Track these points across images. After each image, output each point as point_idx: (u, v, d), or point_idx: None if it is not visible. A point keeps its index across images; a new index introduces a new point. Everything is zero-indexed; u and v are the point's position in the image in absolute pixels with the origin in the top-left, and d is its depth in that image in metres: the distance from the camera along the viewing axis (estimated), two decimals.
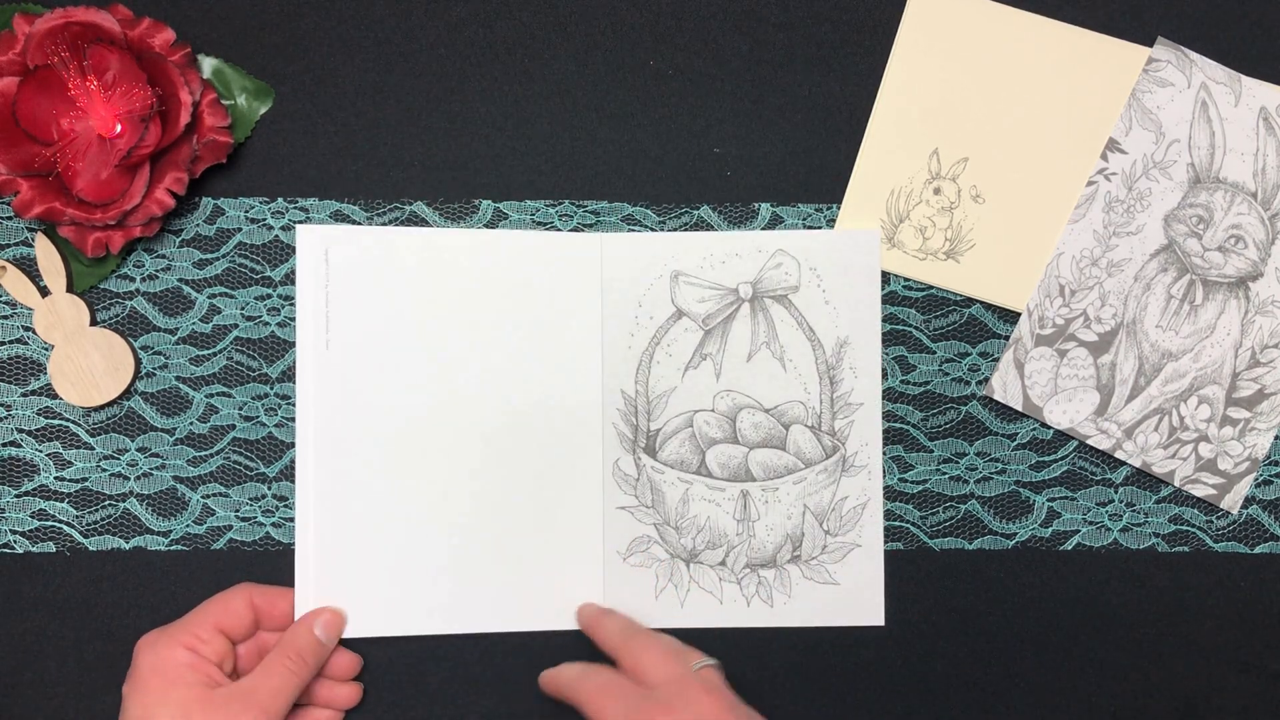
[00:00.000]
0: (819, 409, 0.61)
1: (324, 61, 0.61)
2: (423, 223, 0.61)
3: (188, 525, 0.60)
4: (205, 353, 0.60)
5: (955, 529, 0.61)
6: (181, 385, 0.60)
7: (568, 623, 0.60)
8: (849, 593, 0.61)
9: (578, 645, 0.60)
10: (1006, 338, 0.61)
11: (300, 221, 0.60)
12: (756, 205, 0.61)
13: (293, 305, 0.60)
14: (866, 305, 0.61)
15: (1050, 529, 0.61)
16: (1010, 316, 0.62)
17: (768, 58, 0.61)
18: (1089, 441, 0.61)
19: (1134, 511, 0.62)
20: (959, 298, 0.62)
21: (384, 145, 0.61)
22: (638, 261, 0.60)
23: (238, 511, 0.60)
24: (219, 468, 0.60)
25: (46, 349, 0.60)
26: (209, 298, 0.60)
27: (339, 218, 0.61)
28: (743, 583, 0.61)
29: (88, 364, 0.59)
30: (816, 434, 0.61)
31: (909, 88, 0.61)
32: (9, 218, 0.60)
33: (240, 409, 0.60)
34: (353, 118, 0.61)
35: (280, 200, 0.61)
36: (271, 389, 0.60)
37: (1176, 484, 0.61)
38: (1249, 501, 0.62)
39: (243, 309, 0.60)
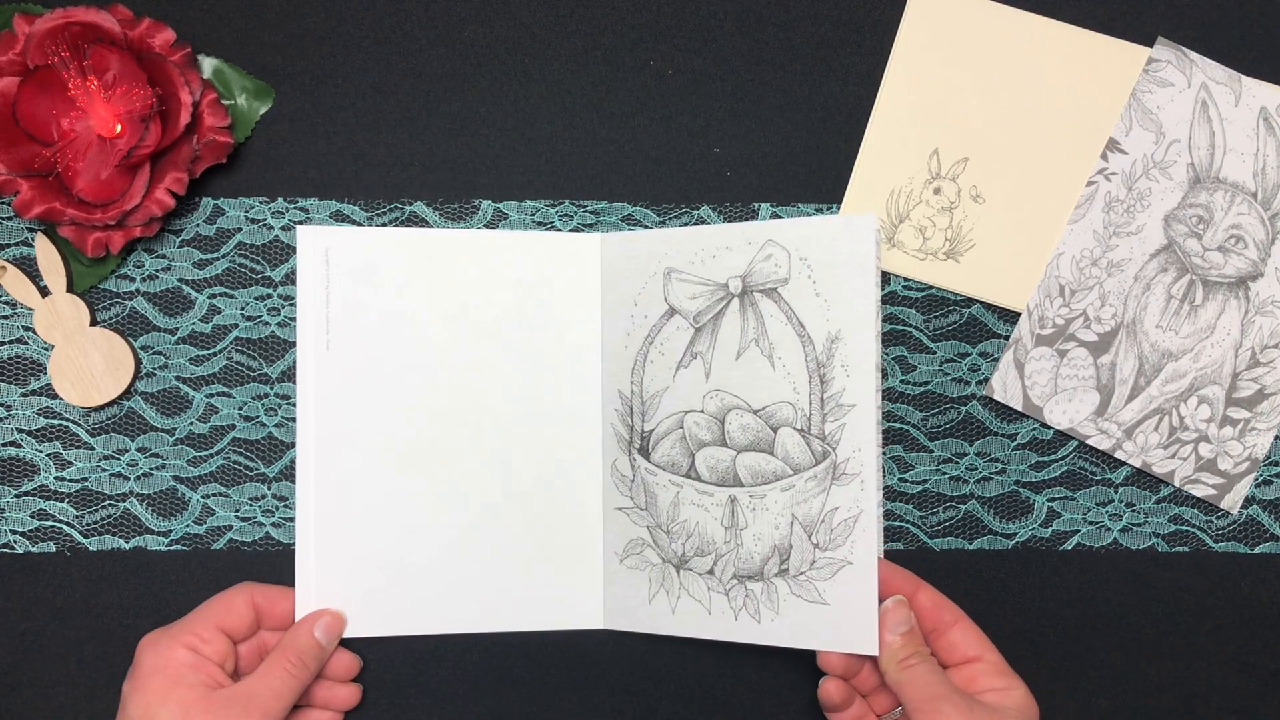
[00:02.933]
0: (808, 410, 0.56)
1: (324, 61, 0.61)
2: (423, 223, 0.61)
3: (188, 525, 0.60)
4: (205, 353, 0.60)
5: (955, 529, 0.61)
6: (181, 385, 0.60)
7: (568, 622, 0.60)
8: (839, 614, 0.56)
9: (578, 646, 0.60)
10: (1006, 338, 0.61)
11: (300, 221, 0.60)
12: (756, 205, 0.61)
13: (293, 305, 0.60)
14: (861, 297, 0.55)
15: (1050, 529, 0.61)
16: (1010, 316, 0.62)
17: (768, 58, 0.61)
18: (1089, 441, 0.61)
19: (1134, 511, 0.62)
20: (959, 298, 0.62)
21: (384, 145, 0.61)
22: (634, 259, 0.60)
23: (238, 511, 0.60)
24: (219, 468, 0.60)
25: (46, 349, 0.60)
26: (209, 298, 0.60)
27: (339, 218, 0.61)
28: (730, 594, 0.58)
29: (88, 364, 0.59)
30: (806, 437, 0.57)
31: (909, 88, 0.61)
32: (9, 218, 0.60)
33: (240, 409, 0.60)
34: (353, 118, 0.61)
35: (280, 200, 0.61)
36: (271, 389, 0.60)
37: (1176, 484, 0.61)
38: (1249, 501, 0.62)
39: (243, 309, 0.60)
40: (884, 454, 0.61)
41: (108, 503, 0.60)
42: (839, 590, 0.56)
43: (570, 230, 0.61)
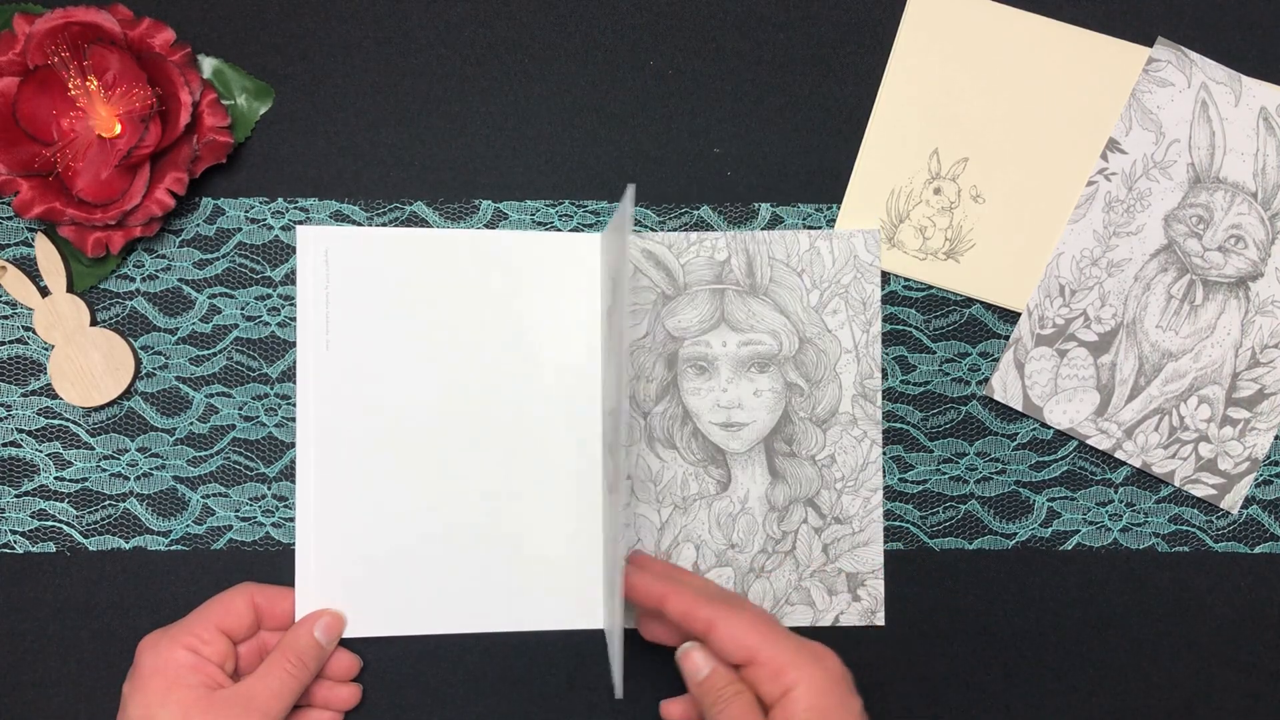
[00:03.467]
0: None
1: (324, 61, 0.61)
2: (423, 223, 0.61)
3: (188, 525, 0.60)
4: (205, 353, 0.60)
5: (955, 529, 0.61)
6: (181, 385, 0.60)
7: (568, 622, 0.60)
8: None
9: (578, 645, 0.60)
10: (1006, 338, 0.62)
11: (300, 221, 0.60)
12: (756, 205, 0.61)
13: (293, 305, 0.60)
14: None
15: (1050, 529, 0.61)
16: (1010, 316, 0.62)
17: (768, 58, 0.61)
18: (1089, 441, 0.61)
19: (1134, 511, 0.62)
20: (959, 298, 0.62)
21: (384, 145, 0.61)
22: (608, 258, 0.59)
23: (238, 511, 0.60)
24: (219, 468, 0.60)
25: (46, 349, 0.60)
26: (209, 298, 0.60)
27: (339, 218, 0.61)
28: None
29: (88, 364, 0.59)
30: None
31: (909, 88, 0.61)
32: (9, 218, 0.60)
33: (240, 409, 0.60)
34: (353, 118, 0.61)
35: (280, 200, 0.61)
36: (271, 389, 0.60)
37: (1176, 484, 0.61)
38: (1249, 501, 0.62)
39: (243, 309, 0.60)
40: (884, 454, 0.61)
41: (108, 503, 0.60)
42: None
43: (570, 230, 0.61)
